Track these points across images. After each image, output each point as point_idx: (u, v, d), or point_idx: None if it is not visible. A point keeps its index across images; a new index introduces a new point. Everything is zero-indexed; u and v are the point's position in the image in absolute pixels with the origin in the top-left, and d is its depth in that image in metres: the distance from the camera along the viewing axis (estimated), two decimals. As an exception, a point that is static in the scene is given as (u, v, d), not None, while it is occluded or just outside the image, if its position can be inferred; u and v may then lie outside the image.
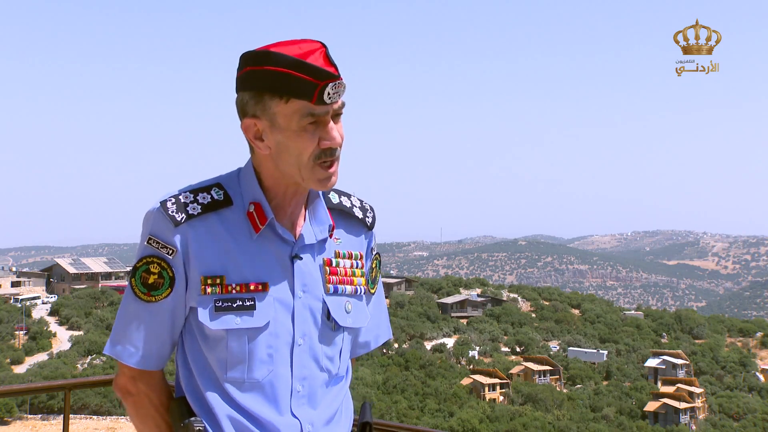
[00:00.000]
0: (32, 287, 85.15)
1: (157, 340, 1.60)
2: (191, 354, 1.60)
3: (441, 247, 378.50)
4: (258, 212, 1.58)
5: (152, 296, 1.56)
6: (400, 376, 51.61)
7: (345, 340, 1.69)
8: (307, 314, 1.61)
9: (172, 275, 1.55)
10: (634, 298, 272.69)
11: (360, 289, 1.71)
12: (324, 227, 1.66)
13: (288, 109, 1.50)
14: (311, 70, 1.46)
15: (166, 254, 1.54)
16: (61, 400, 5.97)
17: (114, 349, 1.60)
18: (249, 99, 1.53)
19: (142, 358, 1.59)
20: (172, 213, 1.54)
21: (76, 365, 50.41)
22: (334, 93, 1.50)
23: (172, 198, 1.56)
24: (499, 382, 57.22)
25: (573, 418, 48.51)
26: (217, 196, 1.59)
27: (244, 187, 1.61)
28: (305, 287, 1.61)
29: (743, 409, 56.07)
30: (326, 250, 1.67)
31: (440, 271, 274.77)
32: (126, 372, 1.62)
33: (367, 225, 1.78)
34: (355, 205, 1.77)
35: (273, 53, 1.48)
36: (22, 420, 40.54)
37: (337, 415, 1.67)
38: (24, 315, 64.77)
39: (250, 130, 1.56)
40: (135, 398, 1.64)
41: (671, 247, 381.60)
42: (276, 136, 1.53)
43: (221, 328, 1.54)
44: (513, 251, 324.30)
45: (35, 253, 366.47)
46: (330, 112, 1.53)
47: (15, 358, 53.99)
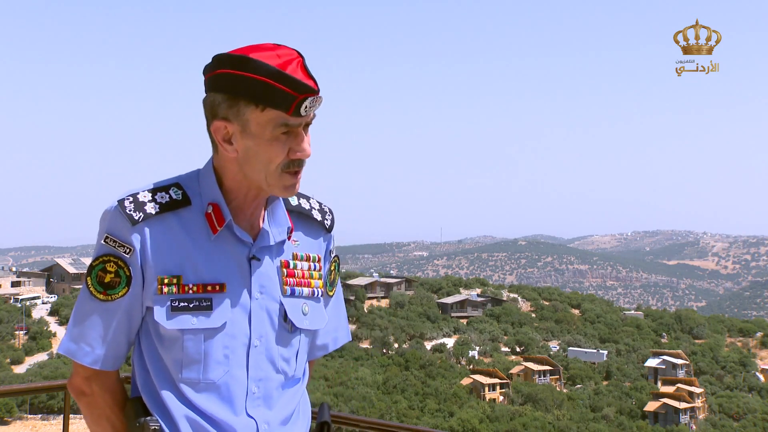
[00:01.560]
0: (32, 287, 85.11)
1: (114, 340, 1.58)
2: (147, 354, 1.59)
3: (441, 247, 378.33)
4: (216, 213, 1.58)
5: (108, 295, 1.55)
6: (400, 376, 51.60)
7: (302, 342, 1.68)
8: (264, 316, 1.60)
9: (129, 274, 1.54)
10: (634, 298, 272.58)
11: (317, 291, 1.71)
12: (282, 229, 1.66)
13: (263, 117, 1.49)
14: (291, 82, 1.45)
15: (123, 253, 1.53)
16: (61, 400, 5.97)
17: (68, 348, 1.58)
18: (222, 101, 1.52)
19: (98, 357, 1.58)
20: (130, 212, 1.53)
21: (76, 365, 50.40)
22: (311, 107, 1.50)
23: (130, 197, 1.55)
24: (499, 382, 57.21)
25: (573, 418, 48.50)
26: (176, 195, 1.58)
27: (203, 188, 1.60)
28: (263, 288, 1.61)
29: (743, 409, 56.06)
30: (284, 252, 1.67)
31: (440, 271, 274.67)
32: (80, 372, 1.60)
33: (325, 227, 1.77)
34: (314, 208, 1.77)
35: (252, 60, 1.46)
36: (22, 420, 40.54)
37: (294, 415, 1.67)
38: (24, 315, 64.78)
39: (219, 132, 1.54)
40: (89, 399, 1.62)
41: (671, 247, 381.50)
42: (246, 142, 1.52)
43: (177, 328, 1.53)
44: (513, 251, 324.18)
45: (35, 253, 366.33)
46: (302, 124, 1.53)
47: (15, 358, 54.02)
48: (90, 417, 1.64)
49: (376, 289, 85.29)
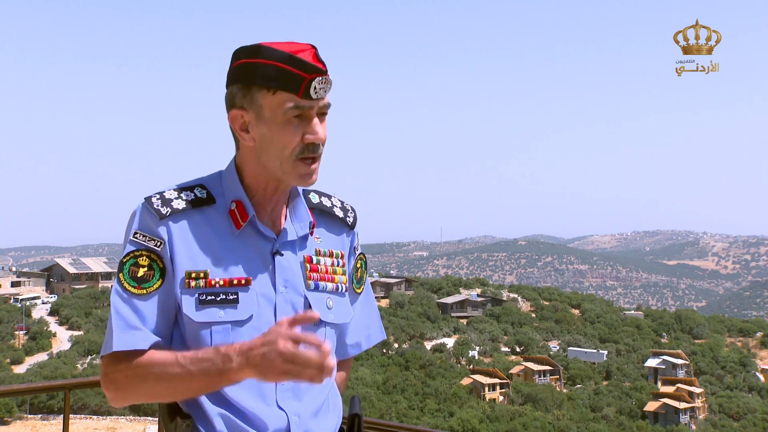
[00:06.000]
0: (32, 287, 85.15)
1: (156, 328, 1.55)
2: (178, 349, 1.58)
3: (441, 247, 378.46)
4: (239, 209, 1.61)
5: (143, 289, 1.54)
6: (400, 376, 51.60)
7: (327, 335, 1.69)
8: (289, 309, 1.62)
9: (162, 266, 1.55)
10: (634, 298, 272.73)
11: (341, 286, 1.73)
12: (304, 224, 1.69)
13: (274, 101, 1.53)
14: (299, 63, 1.50)
15: (155, 246, 1.55)
16: (61, 400, 5.96)
17: (121, 340, 1.50)
18: (238, 91, 1.57)
19: (154, 337, 1.52)
20: (157, 207, 1.56)
21: (76, 365, 50.41)
22: (320, 88, 1.53)
23: (156, 194, 1.59)
24: (499, 382, 57.20)
25: (573, 418, 48.50)
26: (201, 194, 1.62)
27: (225, 187, 1.64)
28: (286, 283, 1.63)
29: (743, 409, 56.04)
30: (307, 248, 1.69)
31: (440, 271, 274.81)
32: (133, 355, 1.52)
33: (348, 224, 1.80)
34: (335, 205, 1.80)
35: (264, 47, 1.53)
36: (22, 420, 40.53)
37: (324, 407, 1.68)
38: (24, 315, 64.79)
39: (236, 121, 1.59)
40: (147, 369, 1.50)
41: (671, 247, 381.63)
42: (261, 129, 1.56)
43: (205, 321, 1.54)
44: (513, 251, 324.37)
45: (35, 253, 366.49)
46: (315, 109, 1.56)
47: (15, 358, 53.99)
48: (159, 381, 1.49)
49: (376, 289, 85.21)
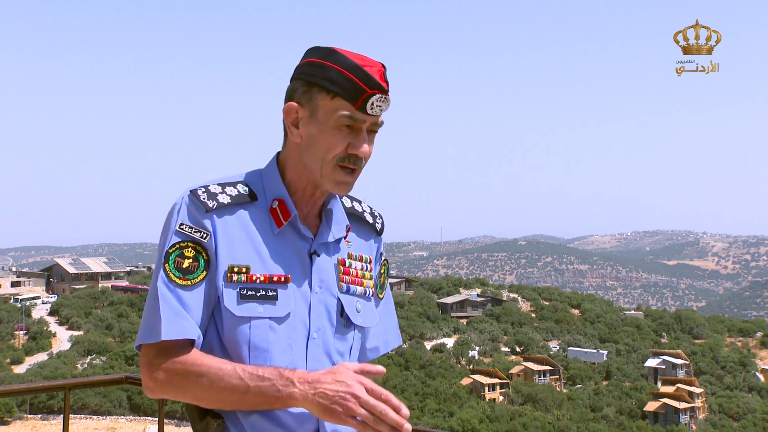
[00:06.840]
0: (32, 287, 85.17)
1: (200, 322, 1.56)
2: (210, 348, 1.59)
3: (441, 247, 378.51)
4: (281, 208, 1.64)
5: (188, 280, 1.55)
6: (400, 376, 51.57)
7: (355, 338, 1.73)
8: (323, 309, 1.65)
9: (208, 258, 1.57)
10: (634, 298, 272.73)
11: (369, 291, 1.76)
12: (341, 227, 1.73)
13: (331, 105, 1.57)
14: (364, 76, 1.55)
15: (201, 237, 1.57)
16: (61, 400, 5.97)
17: (170, 330, 1.50)
18: (299, 87, 1.62)
19: (199, 328, 1.54)
20: (204, 199, 1.58)
21: (76, 365, 50.38)
22: (378, 105, 1.58)
23: (202, 187, 1.61)
24: (499, 382, 57.20)
25: (573, 418, 48.49)
26: (243, 191, 1.64)
27: (267, 185, 1.67)
28: (322, 283, 1.66)
29: (743, 409, 56.05)
30: (340, 251, 1.73)
31: (440, 271, 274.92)
32: (179, 345, 1.53)
33: (376, 230, 1.85)
34: (366, 211, 1.85)
35: (337, 52, 1.58)
36: (22, 420, 40.56)
37: None
38: (24, 315, 64.79)
39: (290, 114, 1.63)
40: (198, 367, 1.52)
41: (671, 247, 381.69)
42: (310, 128, 1.60)
43: (245, 315, 1.56)
44: (513, 251, 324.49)
45: (35, 253, 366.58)
46: (367, 123, 1.60)
47: (15, 358, 53.98)
48: (210, 381, 1.51)
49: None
